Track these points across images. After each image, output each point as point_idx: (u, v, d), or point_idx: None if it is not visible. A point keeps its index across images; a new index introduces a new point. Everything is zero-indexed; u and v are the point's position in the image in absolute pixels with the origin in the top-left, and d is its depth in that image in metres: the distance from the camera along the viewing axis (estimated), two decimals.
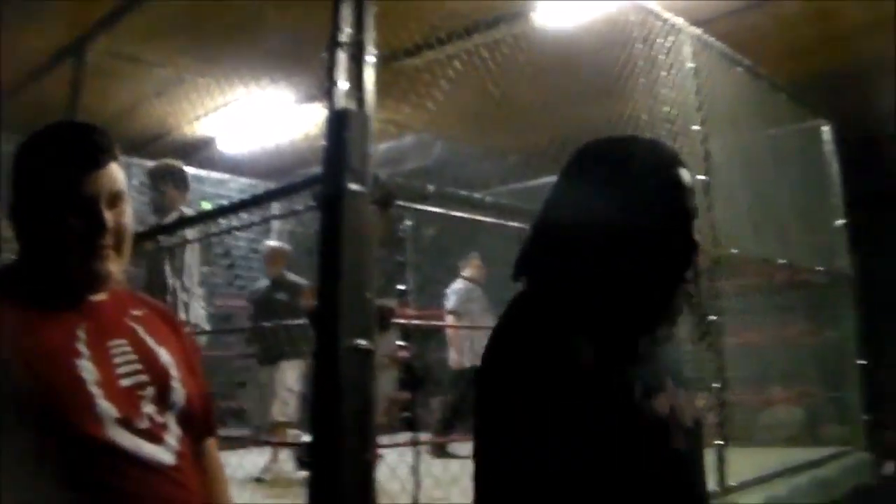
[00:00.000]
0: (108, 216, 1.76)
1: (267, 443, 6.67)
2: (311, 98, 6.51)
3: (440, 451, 7.17)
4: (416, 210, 3.73)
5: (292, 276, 7.15)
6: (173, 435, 1.77)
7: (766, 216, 5.87)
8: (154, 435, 1.73)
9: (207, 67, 6.64)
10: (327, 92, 2.98)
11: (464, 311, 7.71)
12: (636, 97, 4.63)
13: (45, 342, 1.67)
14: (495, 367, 1.58)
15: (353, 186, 2.81)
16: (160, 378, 1.79)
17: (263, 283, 7.40)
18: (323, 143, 2.93)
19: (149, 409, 1.73)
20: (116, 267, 1.80)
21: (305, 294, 6.76)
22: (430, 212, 3.62)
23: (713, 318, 4.83)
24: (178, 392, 1.83)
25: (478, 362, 5.11)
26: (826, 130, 7.08)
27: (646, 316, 1.61)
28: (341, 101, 2.95)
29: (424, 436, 7.62)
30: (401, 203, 3.13)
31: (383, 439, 4.70)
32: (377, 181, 2.94)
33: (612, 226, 1.56)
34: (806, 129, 6.93)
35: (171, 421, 1.79)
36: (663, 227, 1.57)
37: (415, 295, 9.17)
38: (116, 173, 1.81)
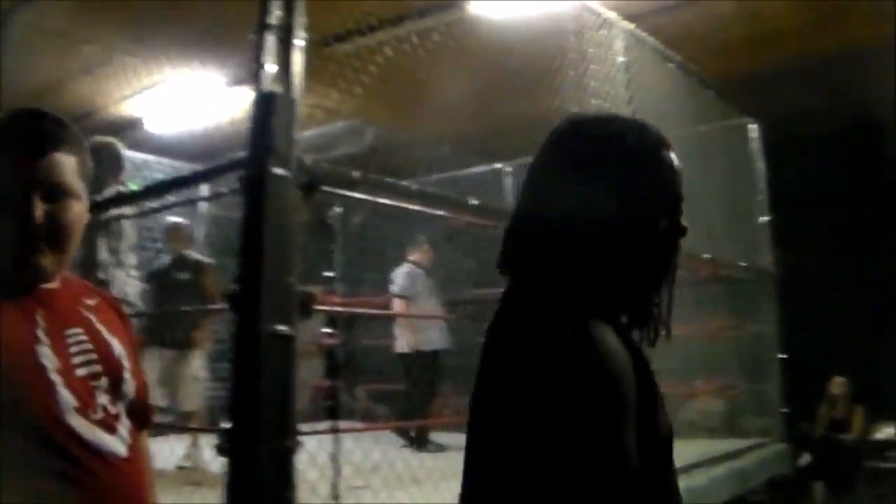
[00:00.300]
0: (41, 210, 1.66)
1: (184, 430, 6.54)
2: (240, 81, 6.43)
3: (422, 443, 7.00)
4: (345, 197, 3.72)
5: (195, 255, 6.84)
6: (125, 426, 1.76)
7: (691, 211, 5.92)
8: (108, 425, 1.71)
9: (136, 47, 6.52)
10: (254, 74, 2.94)
11: (410, 295, 7.63)
12: (566, 89, 4.65)
13: (5, 327, 1.63)
14: (520, 365, 1.43)
15: (278, 170, 2.78)
16: (113, 369, 1.78)
17: (164, 260, 6.92)
18: (249, 126, 2.90)
19: (103, 399, 1.72)
20: (52, 263, 1.72)
21: (208, 274, 6.56)
22: (360, 199, 3.61)
23: None
24: (129, 384, 1.81)
25: (429, 347, 5.11)
26: (753, 129, 7.17)
27: (647, 305, 1.55)
28: (268, 84, 2.91)
29: (347, 424, 7.60)
30: (326, 188, 3.10)
31: (308, 427, 4.69)
32: (302, 166, 2.91)
33: (608, 214, 1.48)
34: (733, 127, 7.01)
35: (122, 412, 1.77)
36: (658, 213, 1.52)
37: (343, 282, 9.12)
38: (62, 164, 1.71)
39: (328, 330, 8.69)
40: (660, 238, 1.52)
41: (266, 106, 2.85)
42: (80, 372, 1.70)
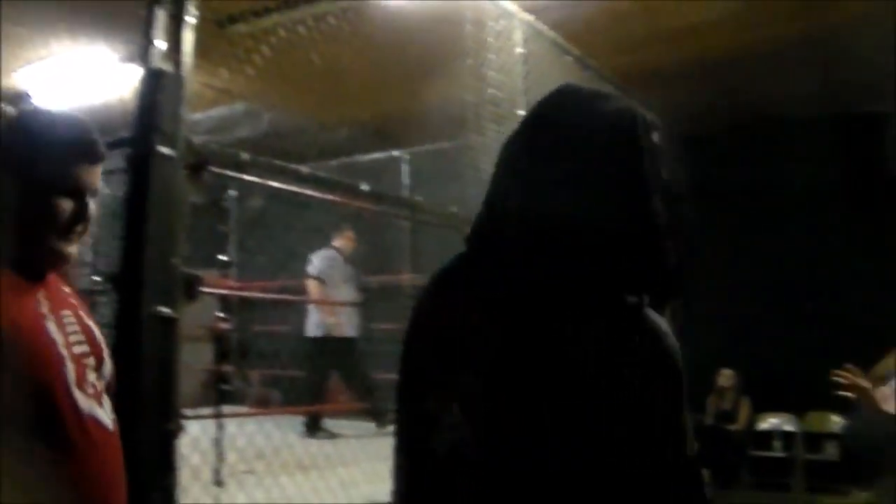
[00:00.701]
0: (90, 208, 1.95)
1: None
2: (130, 58, 6.28)
3: (315, 429, 6.92)
4: (241, 180, 3.66)
5: None
6: (107, 403, 1.95)
7: None
8: (98, 401, 1.90)
9: (24, 17, 6.30)
10: (142, 51, 2.87)
11: (325, 278, 7.53)
12: (464, 78, 4.65)
13: (23, 302, 1.83)
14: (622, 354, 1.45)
15: (163, 149, 2.73)
16: (97, 350, 1.96)
17: None
18: (135, 103, 2.83)
19: (91, 377, 1.89)
20: (73, 252, 1.96)
21: None
22: (257, 183, 3.57)
23: None
24: (108, 366, 2.02)
25: (344, 333, 5.04)
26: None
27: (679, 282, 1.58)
28: (157, 61, 2.84)
29: (241, 409, 7.52)
30: (214, 170, 3.05)
31: (201, 411, 4.62)
32: (189, 146, 2.85)
33: (632, 204, 1.50)
34: None
35: (103, 390, 1.96)
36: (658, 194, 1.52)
37: (238, 266, 9.00)
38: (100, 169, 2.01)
39: (222, 314, 8.60)
40: (666, 218, 1.51)
41: (153, 83, 2.79)
42: (75, 350, 1.89)
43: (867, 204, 8.98)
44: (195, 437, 3.59)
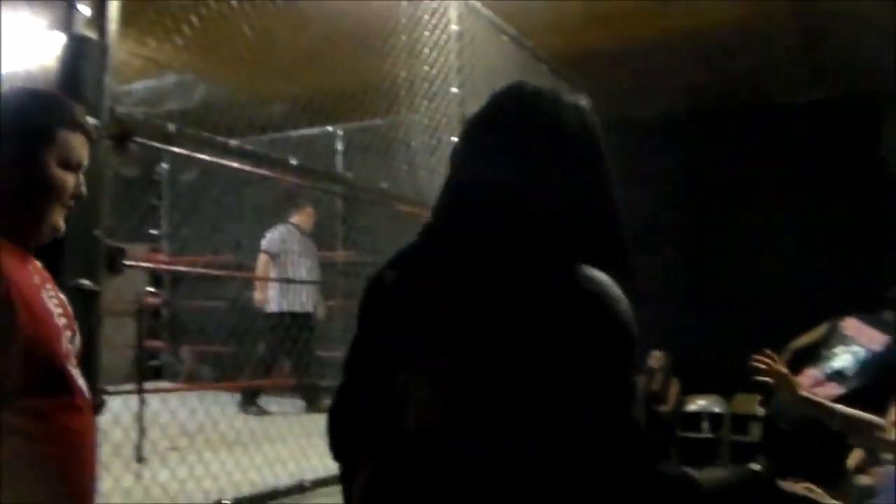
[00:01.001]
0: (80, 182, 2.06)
1: None
2: (54, 25, 6.13)
3: (251, 405, 6.84)
4: (175, 153, 3.61)
5: None
6: (81, 374, 2.00)
7: None
8: (78, 371, 1.98)
9: None
10: (66, 17, 2.80)
11: (278, 253, 7.37)
12: (397, 54, 4.63)
13: (24, 274, 1.90)
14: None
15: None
16: (72, 324, 2.02)
17: None
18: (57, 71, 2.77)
19: (69, 347, 1.95)
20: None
21: None
22: (191, 156, 3.52)
23: None
24: (78, 339, 2.06)
25: (298, 308, 4.99)
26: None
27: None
28: (80, 28, 2.78)
29: (171, 384, 7.45)
30: (139, 140, 2.99)
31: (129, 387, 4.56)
32: (113, 115, 2.80)
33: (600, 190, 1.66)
34: None
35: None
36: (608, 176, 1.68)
37: (170, 240, 8.90)
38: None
39: (152, 289, 8.51)
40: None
41: (76, 51, 2.73)
42: (60, 322, 1.95)
43: (795, 188, 9.13)
44: (118, 413, 3.55)
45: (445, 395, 1.54)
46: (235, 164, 3.68)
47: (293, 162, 3.73)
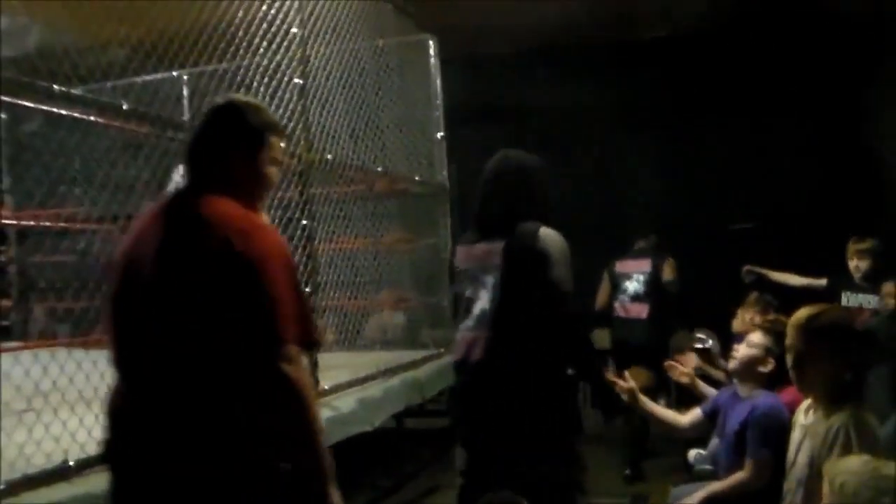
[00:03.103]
0: None
1: None
2: None
3: None
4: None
5: None
6: None
7: (366, 125, 5.99)
8: None
9: None
10: None
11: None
12: None
13: None
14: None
15: None
16: None
17: None
18: None
19: None
20: None
21: None
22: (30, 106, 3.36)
23: (304, 223, 4.85)
24: None
25: None
26: (431, 45, 7.23)
27: None
28: None
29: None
30: None
31: None
32: None
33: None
34: (412, 43, 7.05)
35: None
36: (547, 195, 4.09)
37: (13, 194, 8.53)
38: None
39: None
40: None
41: None
42: None
43: (653, 129, 9.42)
44: None
45: None
46: (64, 112, 3.52)
47: (125, 107, 3.60)
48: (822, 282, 6.72)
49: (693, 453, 5.39)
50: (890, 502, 2.35)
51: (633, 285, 7.73)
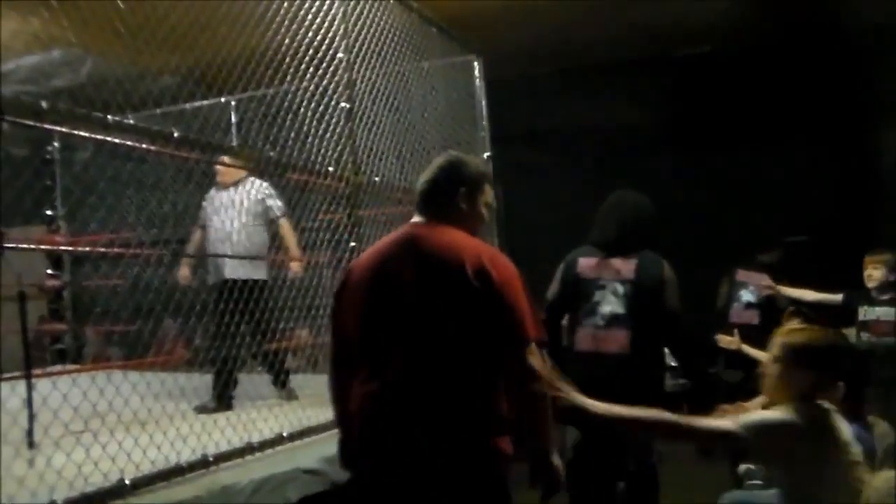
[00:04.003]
0: None
1: None
2: None
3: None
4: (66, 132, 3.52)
5: None
6: None
7: (413, 147, 6.03)
8: None
9: None
10: None
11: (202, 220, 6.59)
12: (280, 22, 4.59)
13: None
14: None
15: None
16: None
17: None
18: None
19: None
20: None
21: None
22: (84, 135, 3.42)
23: (353, 244, 4.91)
24: None
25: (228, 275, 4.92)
26: (476, 66, 7.28)
27: None
28: None
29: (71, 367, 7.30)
30: (10, 119, 2.92)
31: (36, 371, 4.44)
32: None
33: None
34: (457, 64, 7.09)
35: None
36: None
37: (68, 220, 8.67)
38: None
39: (52, 271, 8.33)
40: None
41: None
42: None
43: (685, 146, 9.39)
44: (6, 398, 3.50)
45: None
46: (116, 140, 3.60)
47: (175, 134, 3.68)
48: (838, 297, 6.73)
49: (744, 468, 5.34)
50: None
51: (747, 295, 7.96)
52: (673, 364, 5.43)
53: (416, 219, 3.14)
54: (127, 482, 3.30)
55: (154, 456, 3.67)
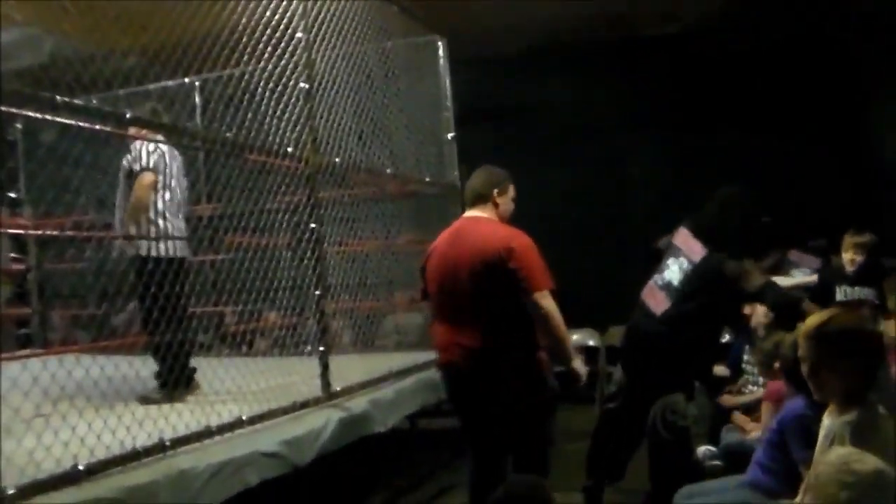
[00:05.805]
0: None
1: None
2: None
3: None
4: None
5: None
6: None
7: (375, 128, 6.00)
8: None
9: None
10: None
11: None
12: (242, 3, 4.55)
13: None
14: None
15: None
16: None
17: None
18: None
19: None
20: None
21: None
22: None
23: (312, 226, 4.88)
24: None
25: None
26: (440, 46, 7.26)
27: None
28: None
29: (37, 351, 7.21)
30: None
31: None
32: None
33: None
34: (420, 44, 7.05)
35: None
36: None
37: (33, 203, 8.56)
38: None
39: (15, 255, 8.24)
40: None
41: None
42: None
43: (660, 127, 9.37)
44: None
45: None
46: (70, 121, 3.55)
47: (128, 115, 3.63)
48: (813, 278, 6.77)
49: (703, 450, 5.37)
50: (849, 496, 2.37)
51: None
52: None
53: (467, 213, 4.53)
54: (81, 468, 3.26)
55: (109, 441, 3.63)
